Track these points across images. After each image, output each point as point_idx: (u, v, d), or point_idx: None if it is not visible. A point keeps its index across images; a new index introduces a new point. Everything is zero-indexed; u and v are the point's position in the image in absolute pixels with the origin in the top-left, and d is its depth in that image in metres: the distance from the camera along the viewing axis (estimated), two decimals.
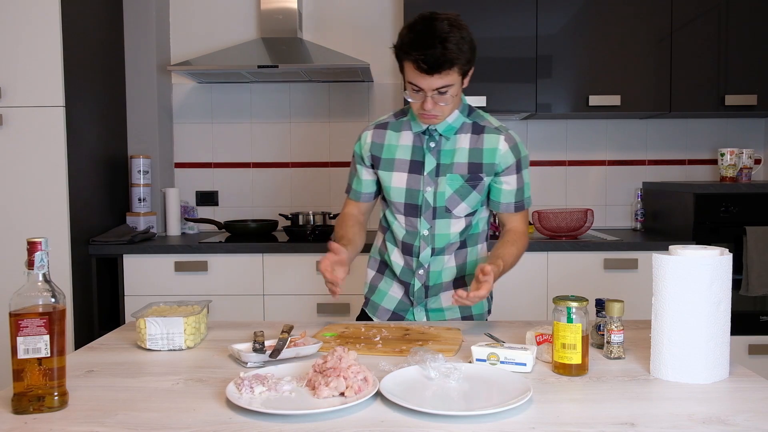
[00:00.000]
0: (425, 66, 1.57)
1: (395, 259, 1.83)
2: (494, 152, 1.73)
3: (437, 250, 1.78)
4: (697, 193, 2.84)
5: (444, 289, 1.83)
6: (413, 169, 1.75)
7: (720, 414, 1.08)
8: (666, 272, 1.25)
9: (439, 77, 1.59)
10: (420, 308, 1.84)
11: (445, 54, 1.56)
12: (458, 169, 1.73)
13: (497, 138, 1.74)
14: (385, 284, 1.88)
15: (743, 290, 2.75)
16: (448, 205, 1.74)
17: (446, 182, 1.73)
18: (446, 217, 1.75)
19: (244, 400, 1.11)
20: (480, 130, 1.75)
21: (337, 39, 3.35)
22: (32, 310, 1.09)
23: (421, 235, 1.77)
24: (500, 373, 1.26)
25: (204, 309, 1.58)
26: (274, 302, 2.85)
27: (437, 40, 1.55)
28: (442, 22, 1.58)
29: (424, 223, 1.76)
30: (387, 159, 1.77)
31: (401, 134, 1.77)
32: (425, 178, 1.74)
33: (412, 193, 1.75)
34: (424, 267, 1.79)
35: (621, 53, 3.01)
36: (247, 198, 3.43)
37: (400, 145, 1.77)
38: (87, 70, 2.83)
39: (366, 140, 1.81)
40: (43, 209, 2.62)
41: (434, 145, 1.74)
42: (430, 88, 1.61)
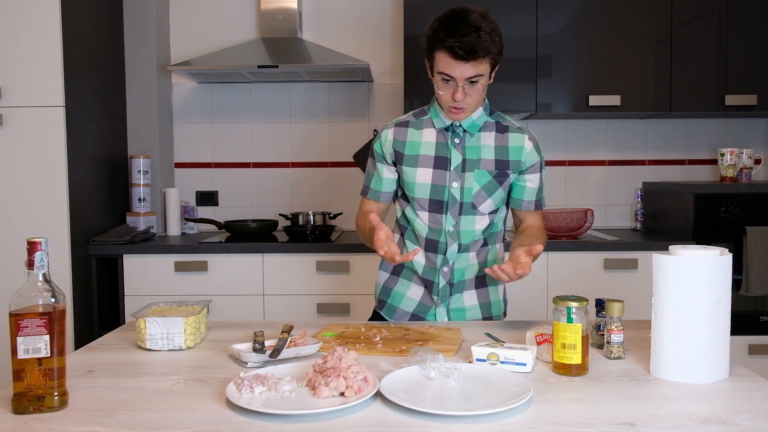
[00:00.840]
0: (461, 52, 1.58)
1: (417, 258, 1.80)
2: (520, 150, 1.76)
3: (463, 246, 1.77)
4: (697, 193, 2.84)
5: (467, 287, 1.81)
6: (438, 164, 1.74)
7: (720, 414, 1.08)
8: (666, 272, 1.25)
9: (473, 65, 1.61)
10: (442, 308, 1.81)
11: (479, 41, 1.58)
12: (485, 165, 1.74)
13: (522, 137, 1.77)
14: (402, 286, 1.85)
15: (743, 290, 2.75)
16: (474, 201, 1.74)
17: (474, 178, 1.73)
18: (472, 214, 1.75)
19: (244, 400, 1.11)
20: (504, 129, 1.77)
21: (337, 39, 3.35)
22: (32, 310, 1.09)
23: (446, 232, 1.76)
24: (500, 373, 1.26)
25: (204, 309, 1.58)
26: (274, 302, 2.85)
27: (472, 29, 1.58)
28: (474, 13, 1.62)
29: (450, 219, 1.75)
30: (410, 155, 1.76)
31: (423, 131, 1.77)
32: (451, 174, 1.73)
33: (437, 188, 1.74)
34: (449, 264, 1.78)
35: (621, 53, 3.01)
36: (247, 198, 3.44)
37: (423, 142, 1.76)
38: (87, 70, 2.83)
39: (388, 137, 1.79)
40: (43, 209, 2.62)
41: (459, 141, 1.75)
42: (462, 76, 1.62)
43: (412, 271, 1.83)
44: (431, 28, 1.66)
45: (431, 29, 1.66)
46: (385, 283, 1.89)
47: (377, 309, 1.92)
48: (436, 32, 1.63)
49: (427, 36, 1.67)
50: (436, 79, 1.68)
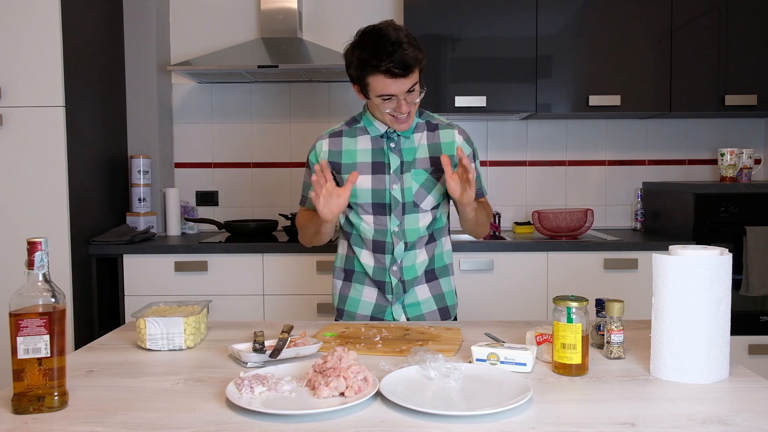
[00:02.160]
0: (398, 71, 1.63)
1: (365, 260, 1.85)
2: (452, 145, 1.82)
3: (409, 244, 1.82)
4: (697, 193, 2.84)
5: (418, 282, 1.86)
6: (376, 170, 1.80)
7: (720, 414, 1.08)
8: (666, 272, 1.25)
9: (409, 78, 1.66)
10: (398, 305, 1.86)
11: (407, 55, 1.63)
12: (421, 164, 1.80)
13: (452, 132, 1.84)
14: (356, 291, 1.88)
15: (743, 290, 2.75)
16: (415, 200, 1.80)
17: (412, 177, 1.79)
18: (414, 212, 1.81)
19: (244, 400, 1.11)
20: (434, 127, 1.84)
21: (337, 39, 3.35)
22: (32, 310, 1.09)
23: (392, 232, 1.81)
24: (500, 373, 1.26)
25: (204, 309, 1.58)
26: (274, 302, 2.85)
27: (396, 45, 1.63)
28: (388, 29, 1.66)
29: (394, 220, 1.80)
30: (348, 164, 1.81)
31: (358, 139, 1.82)
32: (391, 177, 1.79)
33: (378, 192, 1.80)
34: (398, 263, 1.83)
35: (621, 53, 3.01)
36: (247, 198, 3.44)
37: (359, 150, 1.81)
38: (87, 70, 2.83)
39: (322, 149, 1.83)
40: (43, 209, 2.62)
41: (394, 145, 1.81)
42: (402, 91, 1.67)
43: (363, 274, 1.86)
44: (355, 57, 1.68)
45: (355, 58, 1.68)
46: (340, 291, 1.92)
47: (338, 318, 1.94)
48: (363, 60, 1.66)
49: (355, 66, 1.68)
50: (374, 102, 1.71)
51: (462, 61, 3.02)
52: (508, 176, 3.43)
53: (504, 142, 3.41)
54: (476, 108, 3.01)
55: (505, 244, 2.85)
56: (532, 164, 3.42)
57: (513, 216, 3.43)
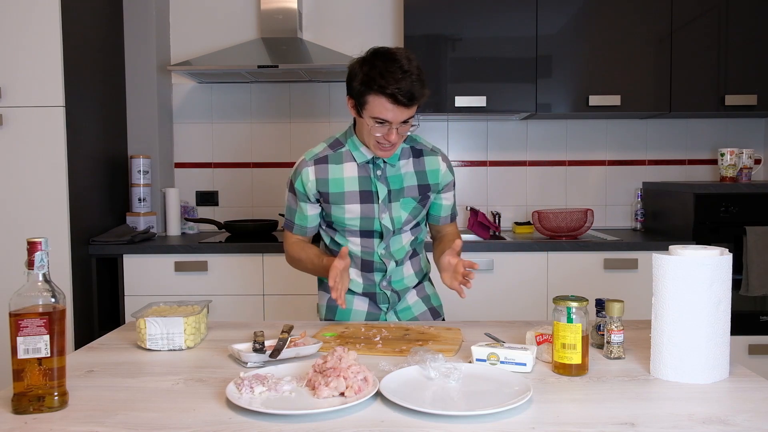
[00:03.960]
0: (404, 99, 1.59)
1: (354, 277, 1.85)
2: (437, 173, 1.82)
3: (399, 261, 1.86)
4: (697, 193, 2.84)
5: (407, 292, 1.91)
6: (364, 199, 1.77)
7: (720, 414, 1.08)
8: (666, 272, 1.25)
9: (410, 109, 1.63)
10: (391, 313, 1.90)
11: (415, 87, 1.60)
12: (409, 192, 1.80)
13: (436, 159, 1.83)
14: (347, 302, 1.87)
15: (743, 290, 2.75)
16: (402, 227, 1.82)
17: (400, 207, 1.79)
18: (399, 234, 1.83)
19: (244, 400, 1.11)
20: (419, 153, 1.82)
21: (337, 39, 3.35)
22: (32, 310, 1.09)
23: (379, 254, 1.82)
24: (500, 373, 1.26)
25: (204, 309, 1.58)
26: (274, 302, 2.85)
27: (407, 74, 1.59)
28: (401, 56, 1.61)
29: (381, 244, 1.82)
30: (336, 193, 1.77)
31: (344, 166, 1.78)
32: (380, 206, 1.78)
33: (367, 221, 1.79)
34: (387, 278, 1.86)
35: (621, 53, 3.01)
36: (247, 198, 3.44)
37: (346, 178, 1.77)
38: (87, 70, 2.83)
39: (309, 177, 1.77)
40: (43, 209, 2.62)
41: (380, 173, 1.78)
42: (397, 120, 1.63)
43: (353, 292, 1.87)
44: (362, 72, 1.63)
45: (363, 73, 1.62)
46: (328, 302, 1.91)
47: None
48: (370, 78, 1.60)
49: (360, 80, 1.63)
50: (367, 122, 1.66)
51: (462, 61, 3.02)
52: (508, 176, 3.43)
53: (504, 142, 3.41)
54: (476, 108, 3.01)
55: (505, 244, 2.85)
56: (532, 164, 3.42)
57: (513, 216, 3.43)
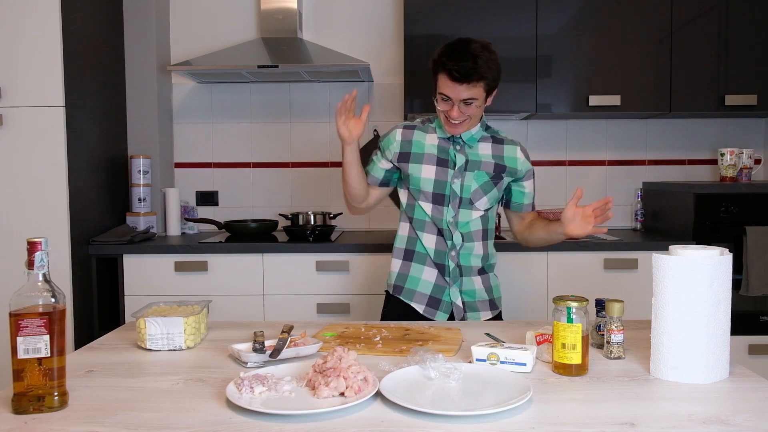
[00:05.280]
0: (458, 75, 1.80)
1: (427, 243, 1.99)
2: (515, 160, 2.00)
3: (465, 236, 1.98)
4: (697, 193, 2.84)
5: (473, 273, 2.01)
6: (441, 163, 1.96)
7: (720, 414, 1.08)
8: (666, 272, 1.25)
9: (467, 88, 1.82)
10: (455, 288, 1.99)
11: (475, 68, 1.79)
12: (485, 167, 1.97)
13: (516, 148, 2.02)
14: (416, 270, 2.01)
15: (743, 290, 2.75)
16: (472, 198, 1.96)
17: (473, 177, 1.95)
18: (468, 208, 1.97)
19: (244, 400, 1.11)
20: (500, 141, 2.02)
21: (337, 39, 3.35)
22: (32, 310, 1.09)
23: (447, 222, 1.96)
24: (500, 373, 1.26)
25: (204, 309, 1.58)
26: (274, 302, 2.85)
27: (470, 56, 1.80)
28: (476, 44, 1.83)
29: (450, 211, 1.96)
30: (416, 153, 1.99)
31: (428, 135, 2.01)
32: (454, 172, 1.95)
33: (440, 184, 1.96)
34: (456, 249, 1.97)
35: (621, 53, 3.01)
36: (247, 198, 3.44)
37: (427, 144, 1.99)
38: (87, 70, 2.83)
39: (396, 137, 2.02)
40: (43, 209, 2.62)
41: (459, 148, 1.97)
42: (458, 97, 1.84)
43: (425, 255, 2.00)
44: (437, 53, 1.87)
45: (437, 53, 1.87)
46: (400, 269, 2.04)
47: (395, 294, 2.05)
48: (440, 56, 1.85)
49: (433, 59, 1.88)
50: (437, 98, 1.89)
51: None
52: None
53: None
54: None
55: (505, 244, 2.85)
56: (533, 164, 3.41)
57: None
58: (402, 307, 2.03)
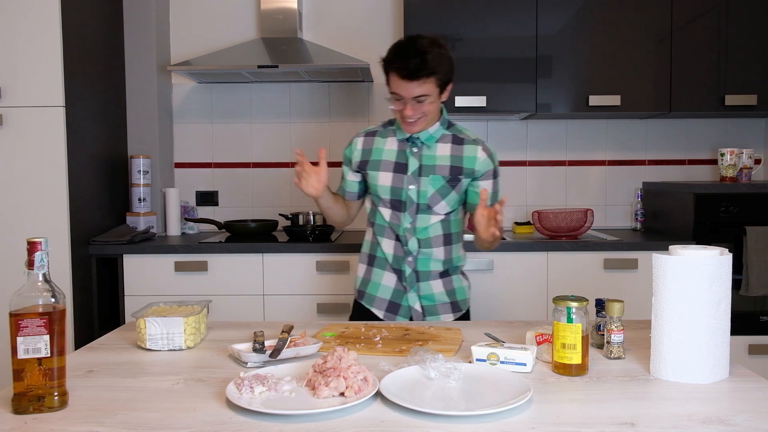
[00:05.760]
0: (405, 72, 1.79)
1: (386, 248, 1.99)
2: (474, 159, 1.94)
3: (422, 241, 1.95)
4: (697, 193, 2.84)
5: (432, 278, 1.98)
6: (397, 169, 1.95)
7: (720, 414, 1.08)
8: (666, 272, 1.25)
9: (417, 84, 1.80)
10: (413, 293, 1.98)
11: (423, 63, 1.78)
12: (440, 171, 1.93)
13: (476, 148, 1.95)
14: (377, 275, 2.02)
15: (743, 290, 2.75)
16: (429, 203, 1.93)
17: (429, 182, 1.92)
18: (427, 213, 1.94)
19: (244, 400, 1.11)
20: (460, 141, 1.96)
21: (337, 39, 3.35)
22: (32, 310, 1.09)
23: (405, 228, 1.95)
24: (500, 373, 1.26)
25: (204, 309, 1.58)
26: (274, 302, 2.85)
27: (417, 52, 1.79)
28: (423, 39, 1.82)
29: (407, 217, 1.94)
30: (375, 160, 1.98)
31: (387, 140, 1.99)
32: (408, 177, 1.93)
33: (396, 190, 1.94)
34: (413, 254, 1.96)
35: (621, 53, 3.01)
36: (247, 198, 3.44)
37: (386, 149, 1.98)
38: (87, 70, 2.83)
39: (357, 147, 2.03)
40: (43, 209, 2.62)
41: (417, 150, 1.94)
42: (409, 95, 1.82)
43: (384, 260, 2.00)
44: (387, 53, 1.87)
45: (387, 53, 1.87)
46: (364, 274, 2.06)
47: (358, 299, 2.09)
48: (388, 55, 1.86)
49: (382, 59, 1.88)
50: (391, 98, 1.88)
51: (462, 61, 3.01)
52: (508, 176, 3.42)
53: (504, 142, 3.41)
54: (476, 108, 3.02)
55: (505, 244, 2.85)
56: (532, 164, 3.42)
57: (513, 216, 3.43)
58: (365, 312, 2.04)
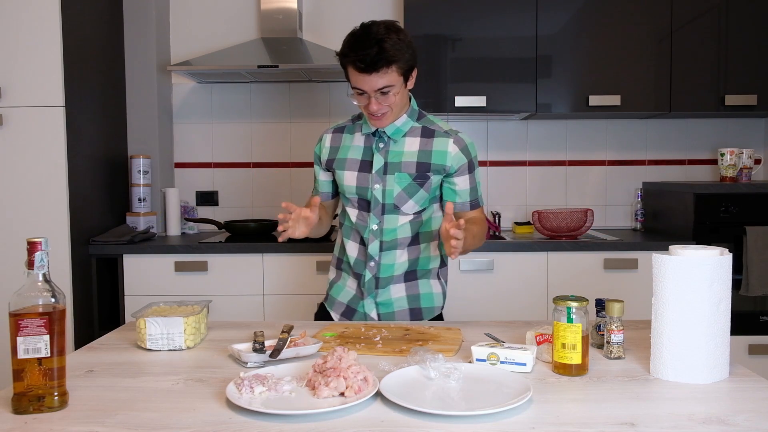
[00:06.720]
0: (362, 65, 1.66)
1: (350, 251, 1.89)
2: (444, 154, 1.79)
3: (387, 243, 1.84)
4: (697, 193, 2.84)
5: (394, 282, 1.87)
6: (363, 167, 1.83)
7: (720, 414, 1.08)
8: (666, 272, 1.25)
9: (378, 76, 1.67)
10: (370, 299, 1.87)
11: (381, 53, 1.64)
12: (406, 168, 1.79)
13: (447, 141, 1.80)
14: (342, 279, 1.94)
15: (743, 290, 2.75)
16: (396, 202, 1.80)
17: (395, 180, 1.79)
18: (395, 213, 1.82)
19: (244, 400, 1.11)
20: (430, 133, 1.82)
21: (337, 39, 3.33)
22: (32, 310, 1.09)
23: (371, 229, 1.83)
24: (500, 373, 1.26)
25: (204, 309, 1.58)
26: (274, 302, 2.85)
27: (373, 41, 1.65)
28: (378, 26, 1.68)
29: (374, 218, 1.83)
30: (341, 159, 1.87)
31: (354, 136, 1.87)
32: (373, 176, 1.81)
33: (362, 190, 1.83)
34: (375, 259, 1.84)
35: (621, 53, 3.01)
36: (247, 198, 3.44)
37: (352, 146, 1.86)
38: (87, 70, 2.83)
39: (325, 144, 1.91)
40: (43, 209, 2.62)
41: (383, 146, 1.82)
42: (371, 88, 1.70)
43: (348, 263, 1.91)
44: (342, 44, 1.72)
45: (342, 45, 1.72)
46: (333, 277, 1.99)
47: (323, 302, 2.01)
48: (343, 48, 1.71)
49: (337, 53, 1.74)
50: (353, 93, 1.76)
51: (462, 61, 3.02)
52: (508, 176, 3.43)
53: (504, 142, 3.41)
54: (476, 108, 3.02)
55: (505, 244, 2.85)
56: (532, 164, 3.42)
57: (513, 216, 3.43)
58: (325, 314, 1.97)
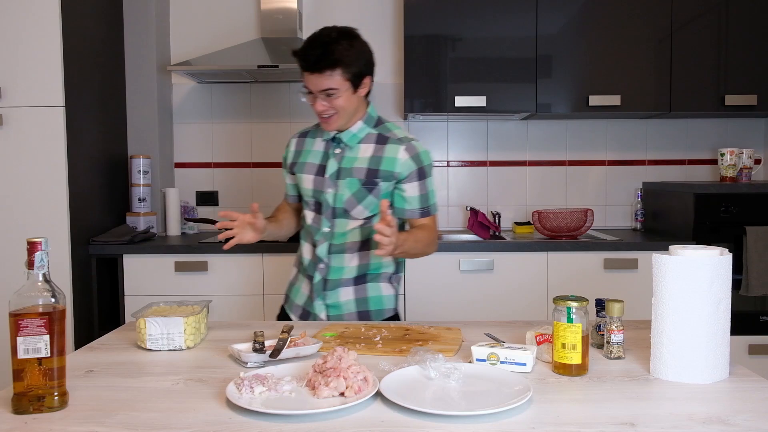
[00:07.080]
0: (305, 64, 1.73)
1: (305, 253, 1.94)
2: (394, 161, 1.82)
3: (336, 247, 1.87)
4: (697, 193, 2.84)
5: (344, 285, 1.89)
6: (319, 171, 1.88)
7: (720, 414, 1.08)
8: (666, 272, 1.25)
9: (323, 77, 1.73)
10: (319, 301, 1.90)
11: (324, 54, 1.70)
12: (357, 174, 1.83)
13: (398, 148, 1.83)
14: (299, 281, 1.98)
15: (743, 290, 2.75)
16: (346, 207, 1.84)
17: (345, 185, 1.83)
18: (345, 218, 1.86)
19: (244, 400, 1.11)
20: (384, 140, 1.86)
21: None
22: (32, 310, 1.09)
23: (322, 232, 1.88)
24: (500, 373, 1.26)
25: (204, 309, 1.58)
26: (274, 302, 2.85)
27: (321, 43, 1.72)
28: (332, 30, 1.75)
29: (325, 222, 1.87)
30: (302, 162, 1.93)
31: (316, 141, 1.94)
32: (326, 181, 1.86)
33: (317, 193, 1.88)
34: (324, 261, 1.88)
35: (621, 53, 3.01)
36: (247, 198, 3.43)
37: (312, 150, 1.93)
38: (87, 70, 2.83)
39: (291, 148, 2.00)
40: (43, 209, 2.62)
41: (339, 151, 1.87)
42: (316, 88, 1.75)
43: (303, 266, 1.95)
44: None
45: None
46: (292, 278, 2.02)
47: (284, 304, 2.04)
48: (296, 47, 1.78)
49: (292, 50, 1.80)
50: (304, 91, 1.81)
51: (462, 61, 3.02)
52: (508, 176, 3.43)
53: (504, 142, 3.41)
54: (476, 108, 3.02)
55: (505, 244, 2.85)
56: (532, 164, 3.42)
57: (513, 216, 3.43)
58: (285, 317, 2.00)
